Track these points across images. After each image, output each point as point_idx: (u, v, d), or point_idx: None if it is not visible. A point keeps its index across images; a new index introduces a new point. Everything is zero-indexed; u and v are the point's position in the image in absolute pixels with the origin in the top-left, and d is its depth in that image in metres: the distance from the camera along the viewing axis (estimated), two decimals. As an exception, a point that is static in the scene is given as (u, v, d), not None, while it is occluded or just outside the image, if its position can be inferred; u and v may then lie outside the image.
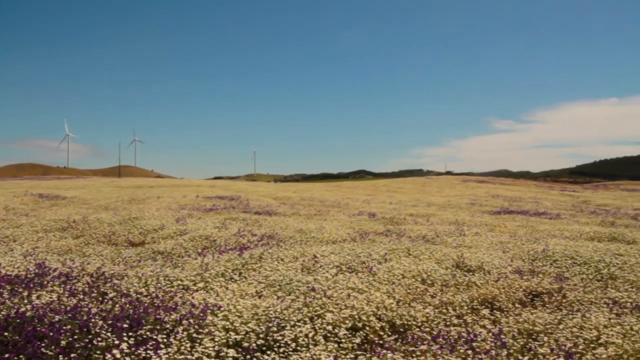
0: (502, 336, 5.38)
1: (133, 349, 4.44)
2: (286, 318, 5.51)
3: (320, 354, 4.75)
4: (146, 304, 5.72)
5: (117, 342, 4.50)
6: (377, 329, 5.69)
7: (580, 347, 5.13)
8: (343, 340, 5.23)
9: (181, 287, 6.85)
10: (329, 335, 5.30)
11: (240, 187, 43.35)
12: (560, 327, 5.81)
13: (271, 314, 5.57)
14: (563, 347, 5.02)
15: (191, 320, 5.18)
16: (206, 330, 5.03)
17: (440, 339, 5.30)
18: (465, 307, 6.68)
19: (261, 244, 10.84)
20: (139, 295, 6.17)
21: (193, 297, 6.20)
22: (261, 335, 5.07)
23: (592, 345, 5.21)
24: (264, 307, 5.75)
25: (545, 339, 5.46)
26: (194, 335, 4.93)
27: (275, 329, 5.21)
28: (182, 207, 20.77)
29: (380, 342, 5.41)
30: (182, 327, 5.05)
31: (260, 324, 5.31)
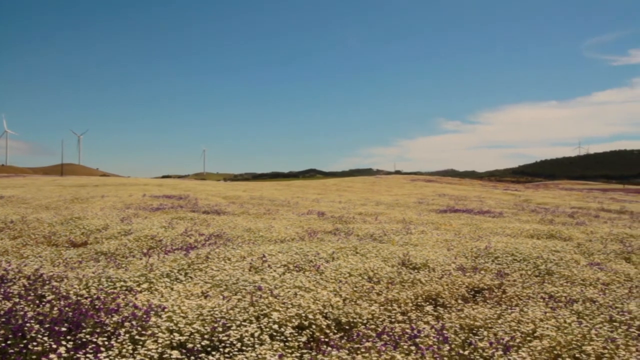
0: (445, 331, 5.52)
1: (72, 352, 4.31)
2: (232, 318, 5.47)
3: (265, 354, 4.74)
4: (87, 307, 5.56)
5: (54, 346, 4.35)
6: (324, 327, 5.73)
7: (517, 340, 5.33)
8: (289, 339, 5.24)
9: (124, 288, 6.69)
10: (275, 334, 5.30)
11: (189, 186, 42.64)
12: (500, 321, 6.02)
13: (217, 314, 5.51)
14: (501, 341, 5.20)
15: (134, 322, 5.07)
16: (149, 332, 4.93)
17: (385, 336, 5.39)
18: (410, 304, 6.82)
19: (209, 243, 10.71)
20: (79, 298, 5.98)
21: (136, 299, 6.06)
22: (206, 336, 5.02)
23: (528, 338, 5.43)
24: (209, 308, 5.68)
25: (485, 333, 5.65)
26: (137, 337, 4.83)
27: (220, 329, 5.16)
28: (127, 206, 20.25)
29: (326, 340, 5.45)
30: (124, 330, 4.93)
31: (206, 325, 5.25)
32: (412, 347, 4.94)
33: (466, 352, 4.93)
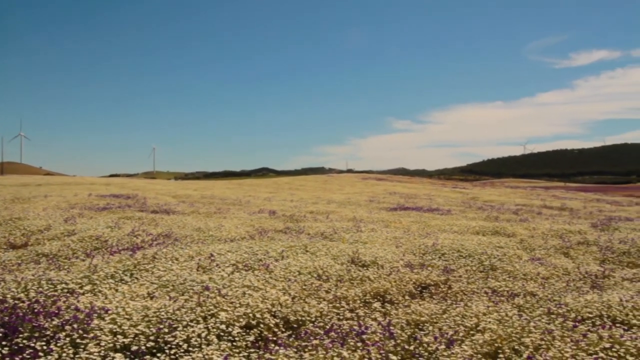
0: (391, 327, 5.61)
1: (7, 359, 4.14)
2: (179, 318, 5.39)
3: (212, 354, 4.70)
4: (25, 310, 5.35)
5: (-12, 352, 4.18)
6: (272, 325, 5.73)
7: (461, 334, 5.48)
8: (237, 339, 5.21)
9: (66, 291, 6.47)
10: (222, 334, 5.25)
11: (137, 185, 41.65)
12: (445, 316, 6.17)
13: (163, 315, 5.42)
14: (445, 335, 5.34)
15: (75, 325, 4.92)
16: (91, 335, 4.80)
17: (333, 333, 5.43)
18: (359, 301, 6.89)
19: (156, 243, 10.50)
20: (16, 301, 5.75)
21: (78, 301, 5.88)
22: (151, 338, 4.92)
23: (471, 332, 5.58)
24: (155, 309, 5.58)
25: (431, 328, 5.78)
26: (78, 340, 4.68)
27: (166, 330, 5.08)
28: (72, 206, 19.59)
29: (275, 339, 5.44)
30: (64, 333, 4.78)
31: (151, 326, 5.15)
32: (359, 344, 4.99)
33: (411, 347, 5.03)
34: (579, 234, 13.91)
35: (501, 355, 4.78)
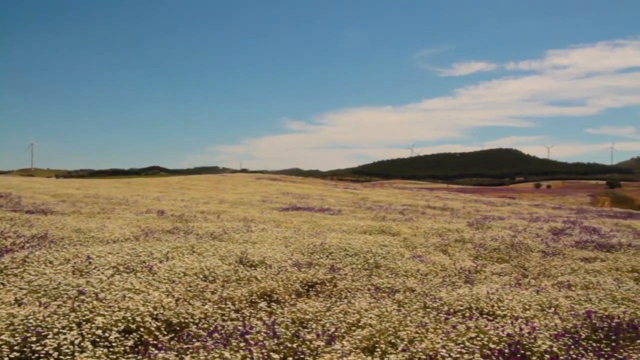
0: (276, 326, 5.64)
1: None
2: (49, 326, 5.04)
3: (86, 361, 4.46)
4: None
5: None
6: (153, 329, 5.54)
7: (343, 330, 5.65)
8: (114, 344, 4.98)
9: None
10: (98, 340, 5.00)
11: (11, 182, 38.42)
12: (329, 313, 6.32)
13: (31, 323, 5.04)
14: (328, 332, 5.47)
15: None
16: (-55, 347, 4.36)
17: (216, 334, 5.36)
18: (245, 301, 6.87)
19: (29, 245, 9.76)
20: None
21: None
22: (16, 348, 4.57)
23: (353, 328, 5.77)
24: (22, 316, 5.18)
25: (314, 325, 5.90)
26: None
27: (34, 338, 4.74)
28: None
29: (155, 342, 5.27)
30: None
31: (17, 335, 4.78)
32: (242, 344, 4.98)
33: (294, 345, 5.10)
34: (456, 232, 14.85)
35: (378, 349, 5.00)
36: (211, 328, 5.69)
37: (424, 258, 10.69)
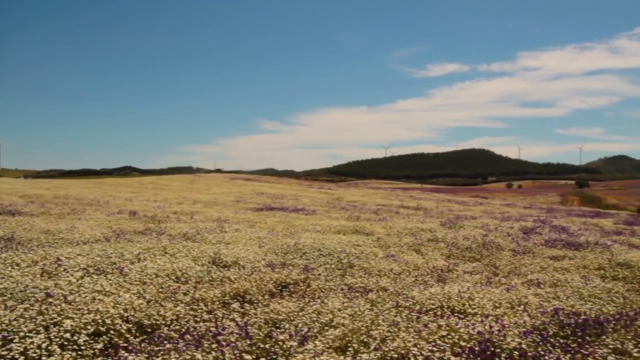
0: (249, 327, 5.62)
1: None
2: (15, 330, 4.94)
3: (53, 365, 4.38)
4: None
5: None
6: (123, 331, 5.47)
7: (316, 330, 5.66)
8: (83, 347, 4.90)
9: None
10: (66, 343, 4.91)
11: (-23, 183, 37.46)
12: (302, 313, 6.32)
13: (-4, 327, 4.93)
14: (301, 332, 5.47)
15: None
16: None
17: (188, 336, 5.32)
18: (217, 302, 6.82)
19: (-5, 248, 9.52)
20: None
21: None
22: (-19, 352, 4.46)
23: (326, 327, 5.78)
24: (-13, 320, 5.06)
25: (287, 326, 5.89)
26: None
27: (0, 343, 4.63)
28: None
29: (126, 344, 5.21)
30: None
31: (-19, 339, 4.66)
32: (214, 345, 4.95)
33: (267, 346, 5.09)
34: (429, 232, 14.99)
35: (351, 349, 5.02)
36: (183, 329, 5.65)
37: (397, 257, 10.77)
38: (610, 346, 5.29)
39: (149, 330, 5.70)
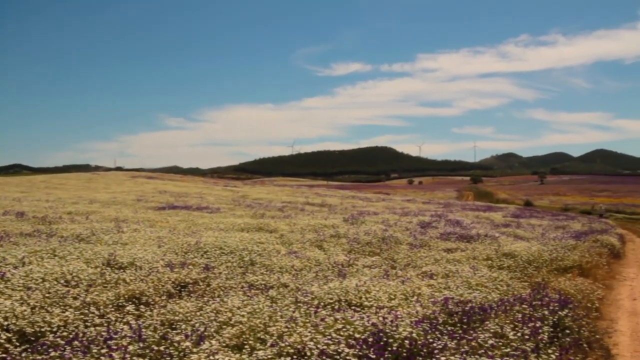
0: (143, 329, 5.44)
1: None
2: None
3: None
4: None
5: None
6: (2, 341, 5.09)
7: (213, 329, 5.59)
8: (-46, 361, 4.52)
9: None
10: None
11: None
12: (200, 313, 6.22)
13: None
14: (197, 332, 5.38)
15: None
16: None
17: (77, 342, 5.06)
18: (111, 306, 6.55)
19: None
20: None
21: None
22: None
23: (224, 326, 5.72)
24: None
25: (184, 326, 5.77)
26: None
27: None
28: None
29: (4, 355, 4.85)
30: None
31: None
32: (104, 350, 4.74)
33: (162, 348, 4.95)
34: (332, 228, 15.27)
35: (247, 346, 5.01)
36: (71, 336, 5.35)
37: (300, 254, 10.88)
38: (492, 330, 5.70)
39: (32, 338, 5.35)
